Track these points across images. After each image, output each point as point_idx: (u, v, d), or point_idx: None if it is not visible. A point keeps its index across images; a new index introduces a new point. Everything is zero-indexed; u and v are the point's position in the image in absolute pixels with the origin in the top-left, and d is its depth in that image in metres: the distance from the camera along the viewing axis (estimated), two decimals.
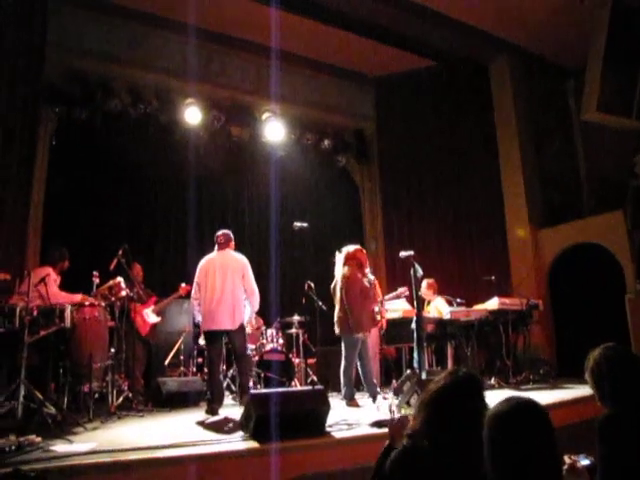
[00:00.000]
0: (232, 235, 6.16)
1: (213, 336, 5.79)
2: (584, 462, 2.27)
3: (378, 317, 6.77)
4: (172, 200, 9.01)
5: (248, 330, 6.51)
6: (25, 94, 7.42)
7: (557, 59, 10.00)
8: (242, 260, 5.97)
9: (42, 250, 7.44)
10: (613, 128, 8.79)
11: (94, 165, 8.32)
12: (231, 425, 4.67)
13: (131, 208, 8.63)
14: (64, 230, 7.50)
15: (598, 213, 8.92)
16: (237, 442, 3.98)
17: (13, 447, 3.55)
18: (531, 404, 1.68)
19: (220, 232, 6.15)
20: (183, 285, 7.31)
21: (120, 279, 6.18)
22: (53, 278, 5.63)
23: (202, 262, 5.99)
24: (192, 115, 8.93)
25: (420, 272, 6.00)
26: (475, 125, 10.25)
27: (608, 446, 2.25)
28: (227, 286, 5.77)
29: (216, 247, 6.07)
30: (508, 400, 1.74)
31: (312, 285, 7.08)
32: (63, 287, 5.81)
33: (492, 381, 7.23)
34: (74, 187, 8.05)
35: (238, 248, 6.24)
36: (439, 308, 7.82)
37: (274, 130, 9.64)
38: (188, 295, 7.30)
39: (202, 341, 7.14)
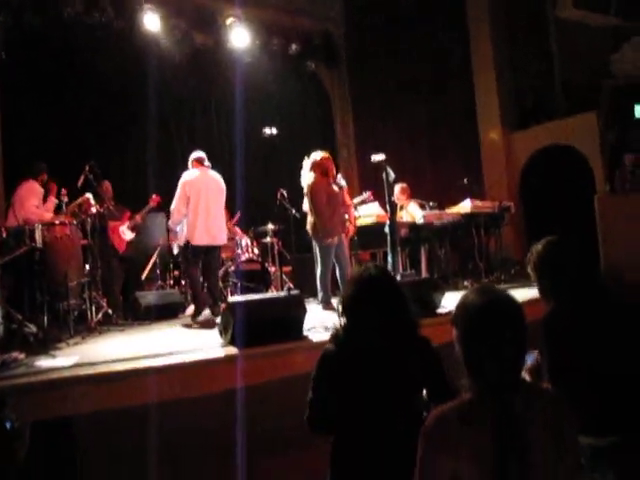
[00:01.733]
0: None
1: (201, 250, 6.04)
2: (528, 359, 2.32)
3: (347, 223, 6.84)
4: (136, 112, 8.68)
5: None
6: None
7: None
8: (220, 180, 6.24)
9: (4, 171, 7.24)
10: (589, 26, 8.59)
11: (50, 79, 7.91)
12: (211, 334, 4.77)
13: (94, 122, 8.32)
14: (26, 149, 7.27)
15: (571, 115, 8.89)
16: (216, 349, 4.09)
17: None
18: (507, 297, 1.68)
19: (199, 153, 6.25)
20: (154, 196, 7.24)
21: (89, 195, 6.10)
22: (38, 190, 5.75)
23: (189, 179, 6.04)
24: (151, 22, 8.47)
25: (392, 176, 5.98)
26: (448, 25, 9.94)
27: (552, 342, 2.27)
28: (219, 204, 6.12)
29: (195, 165, 6.17)
30: (482, 291, 1.71)
31: (284, 193, 7.06)
32: None
33: (465, 282, 7.44)
34: (32, 103, 7.72)
35: (208, 157, 6.22)
36: (412, 213, 7.88)
37: (239, 36, 9.21)
38: (159, 207, 7.27)
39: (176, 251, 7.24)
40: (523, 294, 5.81)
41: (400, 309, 2.20)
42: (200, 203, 5.93)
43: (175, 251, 7.36)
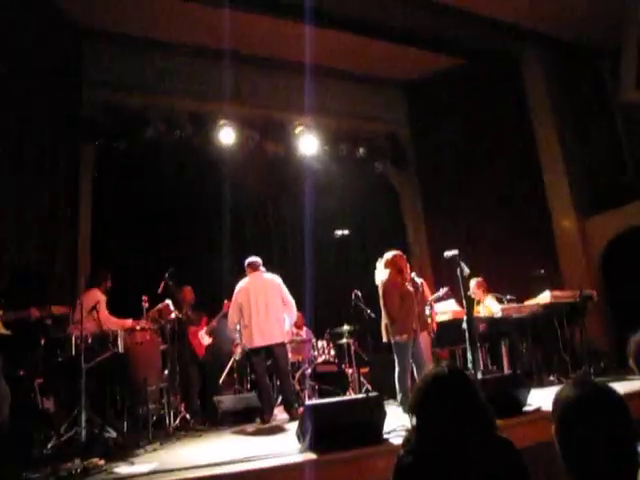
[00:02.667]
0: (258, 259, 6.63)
1: (260, 351, 6.25)
2: None
3: (429, 320, 6.72)
4: (213, 221, 9.13)
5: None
6: (65, 130, 7.70)
7: (589, 41, 9.71)
8: (277, 279, 6.48)
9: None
10: None
11: (135, 194, 8.52)
12: (288, 439, 4.66)
13: (173, 232, 8.79)
14: (112, 259, 7.68)
15: None
16: (294, 455, 3.97)
17: (79, 470, 3.64)
18: (606, 388, 1.58)
19: (251, 259, 6.61)
20: (226, 302, 7.40)
21: (168, 301, 6.30)
22: (102, 299, 5.81)
23: (239, 286, 6.48)
24: (226, 136, 9.05)
25: (467, 271, 5.90)
26: (511, 120, 10.09)
27: None
28: (271, 304, 6.30)
29: (249, 271, 6.54)
30: (579, 384, 1.61)
31: (359, 294, 7.05)
32: (114, 313, 5.95)
33: (551, 377, 7.03)
34: (118, 216, 8.27)
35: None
36: (490, 307, 7.67)
37: (308, 143, 9.69)
38: None
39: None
40: (619, 388, 5.40)
41: (475, 409, 2.05)
42: (252, 307, 6.27)
43: (237, 357, 7.46)
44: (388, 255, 6.27)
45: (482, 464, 1.95)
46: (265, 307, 6.25)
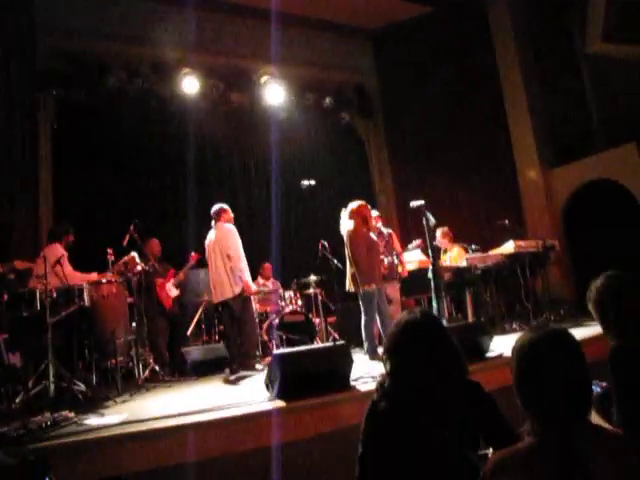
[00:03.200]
0: (223, 206, 6.44)
1: (223, 305, 6.26)
2: (596, 389, 2.22)
3: (399, 269, 6.84)
4: (176, 171, 9.00)
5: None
6: (20, 79, 7.40)
7: None
8: (225, 229, 6.26)
9: None
10: (621, 58, 8.57)
11: (97, 144, 8.30)
12: (257, 388, 4.73)
13: (138, 183, 8.65)
14: (75, 211, 7.55)
15: (610, 148, 8.76)
16: (264, 403, 4.04)
17: (49, 423, 3.65)
18: (561, 331, 1.64)
19: (213, 208, 6.46)
20: (193, 254, 7.37)
21: (134, 254, 6.22)
22: (64, 254, 5.70)
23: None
24: (190, 85, 8.84)
25: (433, 221, 5.97)
26: (478, 70, 10.06)
27: (620, 377, 2.17)
28: (219, 258, 6.17)
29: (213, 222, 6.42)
30: (537, 328, 1.66)
31: (326, 244, 7.09)
32: (78, 266, 5.86)
33: (513, 325, 7.25)
34: (80, 168, 8.07)
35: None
36: (455, 256, 7.82)
37: (274, 93, 9.53)
38: (200, 263, 7.41)
39: None
40: (577, 333, 5.62)
41: (448, 354, 2.11)
42: (209, 262, 6.33)
43: None
44: (353, 205, 6.29)
45: (454, 407, 2.01)
46: (214, 261, 6.20)
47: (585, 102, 9.38)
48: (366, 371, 4.84)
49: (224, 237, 6.21)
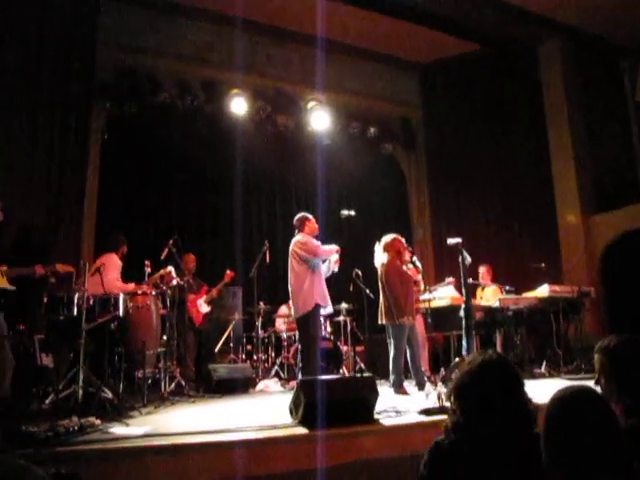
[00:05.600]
0: (306, 216, 6.29)
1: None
2: None
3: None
4: (220, 190, 9.17)
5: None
6: (78, 91, 7.70)
7: (611, 37, 9.59)
8: (302, 238, 6.06)
9: (96, 242, 7.72)
10: None
11: (144, 158, 8.55)
12: (281, 412, 4.74)
13: (181, 198, 8.85)
14: (117, 222, 7.74)
15: None
16: (286, 428, 4.04)
17: (76, 428, 3.71)
18: (592, 391, 1.63)
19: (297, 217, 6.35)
20: (228, 272, 7.45)
21: (171, 268, 6.34)
22: (117, 264, 5.92)
23: None
24: (238, 106, 9.03)
25: (468, 259, 5.96)
26: (524, 110, 10.04)
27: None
28: (290, 271, 6.02)
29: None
30: (568, 387, 1.68)
31: (359, 273, 7.10)
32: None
33: (542, 369, 7.11)
34: (126, 180, 8.32)
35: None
36: (490, 296, 7.79)
37: (320, 119, 9.66)
38: (234, 282, 7.48)
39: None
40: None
41: (520, 404, 2.02)
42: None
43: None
44: (387, 238, 6.31)
45: (521, 462, 1.92)
46: (290, 273, 6.05)
47: (631, 150, 9.26)
48: (391, 405, 4.80)
49: (292, 247, 6.07)
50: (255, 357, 7.71)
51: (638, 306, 8.03)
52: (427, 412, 4.31)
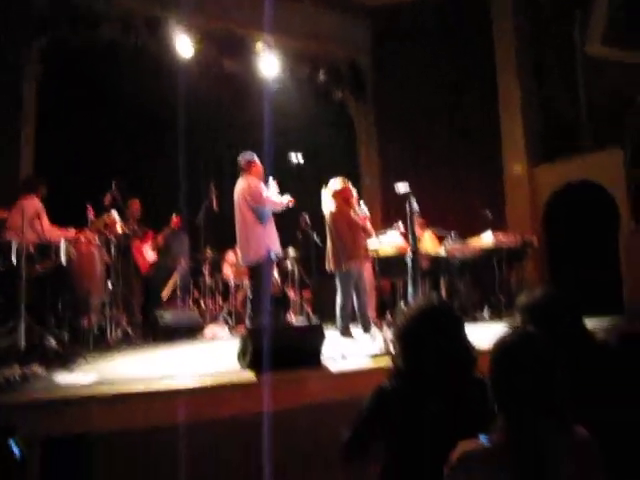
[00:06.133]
0: (253, 156, 6.18)
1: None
2: None
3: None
4: (165, 134, 8.87)
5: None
6: (10, 24, 7.21)
7: None
8: (247, 183, 5.94)
9: None
10: (618, 62, 8.59)
11: (84, 97, 8.13)
12: (228, 358, 4.76)
13: (123, 141, 8.51)
14: (57, 165, 7.43)
15: (597, 150, 8.82)
16: (234, 373, 4.08)
17: (18, 377, 3.64)
18: (536, 335, 1.70)
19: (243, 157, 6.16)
20: (174, 218, 7.33)
21: (115, 215, 6.15)
22: (42, 209, 5.62)
23: None
24: (185, 46, 8.67)
25: (416, 207, 6.01)
26: (474, 60, 10.01)
27: None
28: (238, 217, 5.91)
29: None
30: (514, 330, 1.76)
31: (307, 219, 7.08)
32: (55, 220, 5.79)
33: (485, 314, 7.37)
34: (65, 122, 7.91)
35: (232, 182, 6.20)
36: (427, 244, 7.92)
37: (268, 63, 9.40)
38: (180, 228, 7.35)
39: None
40: None
41: (464, 345, 2.13)
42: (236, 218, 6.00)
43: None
44: (335, 186, 6.29)
45: (460, 406, 2.01)
46: (239, 218, 5.94)
47: (577, 101, 9.42)
48: (338, 349, 4.89)
49: (241, 192, 5.94)
50: (202, 304, 7.68)
51: (577, 255, 8.35)
52: (373, 357, 4.42)
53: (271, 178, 6.21)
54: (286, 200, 6.06)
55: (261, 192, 5.87)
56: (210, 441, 3.52)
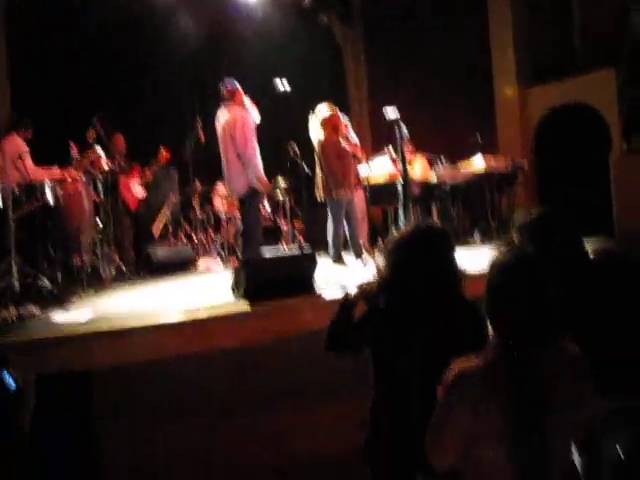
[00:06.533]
0: (236, 85, 5.91)
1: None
2: None
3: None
4: (146, 65, 8.59)
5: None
6: None
7: None
8: (232, 117, 5.74)
9: None
10: None
11: (59, 30, 7.80)
12: (223, 290, 4.80)
13: (104, 74, 8.23)
14: (35, 99, 7.19)
15: (590, 71, 8.62)
16: (229, 305, 4.12)
17: (14, 318, 3.67)
18: (532, 256, 1.72)
19: (227, 84, 5.89)
20: (163, 152, 7.20)
21: (100, 151, 6.02)
22: (26, 149, 5.49)
23: None
24: None
25: (405, 132, 5.93)
26: None
27: None
28: (222, 152, 5.77)
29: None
30: (512, 250, 1.76)
31: (296, 148, 6.98)
32: (38, 160, 5.66)
33: (476, 238, 7.42)
34: (41, 54, 7.63)
35: (215, 111, 6.02)
36: (419, 169, 7.87)
37: None
38: (168, 162, 7.25)
39: None
40: None
41: (454, 269, 2.14)
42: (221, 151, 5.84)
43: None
44: (324, 114, 6.15)
45: (449, 326, 2.04)
46: (225, 151, 5.77)
47: (570, 23, 9.11)
48: (331, 277, 4.93)
49: (229, 125, 5.72)
50: (195, 238, 7.68)
51: (567, 179, 8.32)
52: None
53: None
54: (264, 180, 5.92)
55: (246, 139, 5.68)
56: (206, 371, 3.59)
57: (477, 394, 1.58)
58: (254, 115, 5.90)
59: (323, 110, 6.15)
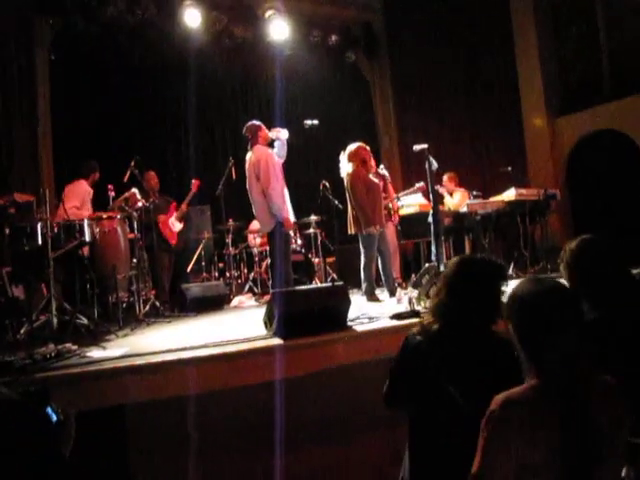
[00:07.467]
0: (256, 124, 6.15)
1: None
2: None
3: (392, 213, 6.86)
4: (178, 106, 8.87)
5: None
6: (17, 5, 7.20)
7: None
8: (256, 157, 5.94)
9: (55, 169, 7.51)
10: (636, 6, 8.28)
11: (96, 77, 8.14)
12: (255, 325, 4.82)
13: (138, 117, 8.53)
14: (74, 146, 7.48)
15: (619, 98, 8.57)
16: (261, 340, 4.12)
17: (53, 354, 3.74)
18: (560, 284, 1.68)
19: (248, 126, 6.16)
20: (194, 181, 7.35)
21: (135, 190, 6.23)
22: (79, 191, 5.92)
23: None
24: (192, 17, 8.56)
25: (435, 165, 5.94)
26: (489, 13, 9.72)
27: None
28: (251, 189, 5.97)
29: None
30: (535, 281, 1.70)
31: (327, 184, 7.06)
32: None
33: (510, 271, 7.31)
34: (79, 101, 7.95)
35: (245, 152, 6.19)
36: (458, 201, 7.88)
37: (279, 28, 9.24)
38: (201, 191, 7.40)
39: None
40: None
41: (496, 302, 2.14)
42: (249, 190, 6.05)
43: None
44: (351, 147, 6.24)
45: (486, 361, 2.04)
46: (251, 190, 6.00)
47: (597, 50, 9.11)
48: (363, 312, 4.91)
49: (254, 165, 5.93)
50: (228, 274, 7.76)
51: (601, 207, 8.19)
52: (399, 316, 4.42)
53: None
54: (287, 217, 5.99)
55: (269, 178, 5.81)
56: (239, 406, 3.59)
57: (529, 420, 1.54)
58: (279, 151, 6.07)
59: (352, 146, 6.23)
